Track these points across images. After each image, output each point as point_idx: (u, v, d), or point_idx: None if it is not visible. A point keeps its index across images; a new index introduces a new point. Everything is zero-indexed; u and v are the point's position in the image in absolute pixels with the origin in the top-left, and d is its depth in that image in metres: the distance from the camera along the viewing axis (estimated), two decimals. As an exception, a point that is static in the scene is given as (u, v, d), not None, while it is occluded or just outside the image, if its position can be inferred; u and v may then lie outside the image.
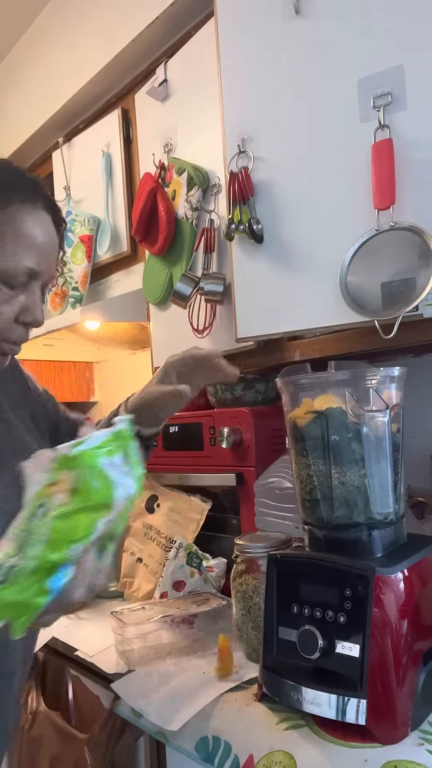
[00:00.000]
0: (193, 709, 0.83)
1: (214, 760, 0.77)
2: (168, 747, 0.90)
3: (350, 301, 0.93)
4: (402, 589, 0.74)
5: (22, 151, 2.02)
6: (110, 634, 1.06)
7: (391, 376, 0.81)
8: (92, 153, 1.71)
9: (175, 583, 1.21)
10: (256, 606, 0.94)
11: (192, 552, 1.22)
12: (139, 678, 0.95)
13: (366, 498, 0.78)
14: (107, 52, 1.56)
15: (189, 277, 1.27)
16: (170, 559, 1.23)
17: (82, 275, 1.71)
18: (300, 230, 1.05)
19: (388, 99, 0.92)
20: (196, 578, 1.21)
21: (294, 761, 0.70)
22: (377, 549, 0.79)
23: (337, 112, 0.99)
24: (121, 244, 1.63)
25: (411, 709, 0.72)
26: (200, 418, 1.29)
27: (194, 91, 1.34)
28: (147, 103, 1.48)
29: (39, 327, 0.81)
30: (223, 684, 0.89)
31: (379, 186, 0.91)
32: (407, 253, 0.89)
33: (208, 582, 1.20)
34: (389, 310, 0.90)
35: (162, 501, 1.38)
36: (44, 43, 1.89)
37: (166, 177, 1.39)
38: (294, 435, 0.84)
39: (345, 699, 0.72)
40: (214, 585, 1.20)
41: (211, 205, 1.29)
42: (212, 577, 1.21)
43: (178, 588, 1.21)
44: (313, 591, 0.80)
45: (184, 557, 1.22)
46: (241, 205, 1.11)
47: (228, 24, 1.17)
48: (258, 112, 1.11)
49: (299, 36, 1.04)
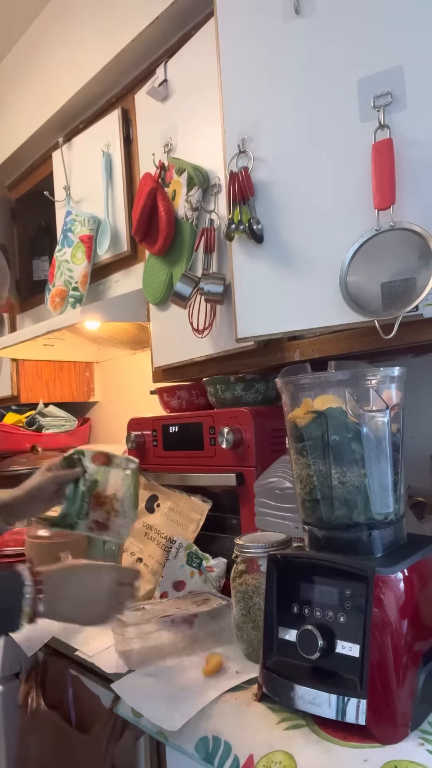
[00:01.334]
0: (193, 709, 0.83)
1: (214, 760, 0.77)
2: (168, 747, 0.90)
3: (350, 301, 0.93)
4: (402, 589, 0.74)
5: (22, 151, 2.02)
6: (110, 634, 1.06)
7: (391, 376, 0.81)
8: (92, 153, 1.71)
9: (175, 584, 1.21)
10: (256, 606, 0.94)
11: (192, 552, 1.22)
12: (139, 678, 0.95)
13: (366, 498, 0.78)
14: (107, 52, 1.56)
15: (189, 277, 1.27)
16: (170, 559, 1.23)
17: (82, 275, 1.71)
18: (300, 230, 1.05)
19: (388, 99, 0.92)
20: (196, 578, 1.21)
21: (294, 761, 0.70)
22: (377, 549, 0.79)
23: (337, 112, 0.99)
24: (121, 244, 1.63)
25: (411, 709, 0.72)
26: (200, 418, 1.29)
27: (194, 91, 1.34)
28: (147, 103, 1.48)
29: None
30: (223, 684, 0.89)
31: (379, 186, 0.91)
32: (407, 253, 0.89)
33: (208, 582, 1.20)
34: (389, 310, 0.90)
35: (162, 501, 1.38)
36: (44, 43, 1.89)
37: (166, 177, 1.39)
38: (294, 435, 0.84)
39: (345, 699, 0.72)
40: (214, 585, 1.20)
41: (211, 205, 1.29)
42: (212, 577, 1.20)
43: (178, 588, 1.21)
44: (313, 591, 0.80)
45: (184, 557, 1.22)
46: (241, 205, 1.11)
47: (228, 24, 1.17)
48: (258, 112, 1.11)
49: (299, 36, 1.04)
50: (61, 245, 1.78)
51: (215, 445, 1.25)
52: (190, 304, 1.29)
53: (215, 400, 1.35)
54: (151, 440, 1.43)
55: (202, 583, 1.20)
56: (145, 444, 1.45)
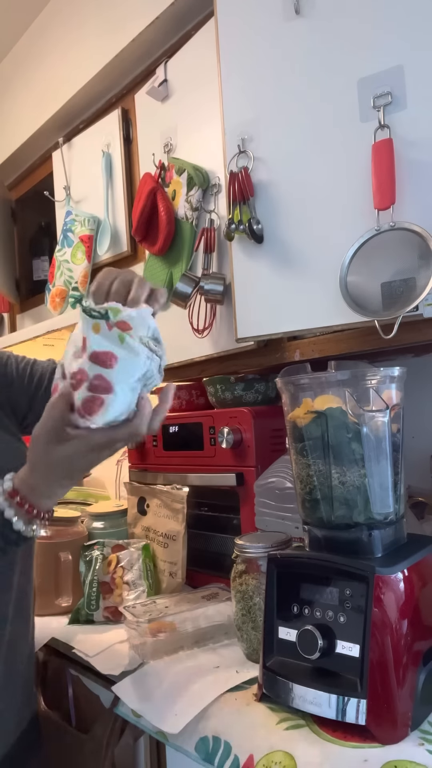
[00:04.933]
0: (194, 710, 0.83)
1: (214, 760, 0.77)
2: (168, 747, 0.90)
3: (350, 301, 0.93)
4: (402, 589, 0.74)
5: (22, 151, 2.02)
6: (110, 634, 1.06)
7: (391, 376, 0.81)
8: (92, 153, 1.71)
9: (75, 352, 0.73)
10: (256, 606, 0.94)
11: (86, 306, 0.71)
12: (140, 679, 0.95)
13: (366, 498, 0.78)
14: (107, 52, 1.56)
15: (189, 277, 1.27)
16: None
17: (82, 275, 1.71)
18: (300, 230, 1.05)
19: (388, 99, 0.92)
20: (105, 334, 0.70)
21: (294, 761, 0.70)
22: (377, 549, 0.79)
23: (337, 111, 0.99)
24: (121, 244, 1.63)
25: (411, 709, 0.72)
26: (200, 418, 1.29)
27: (194, 91, 1.34)
28: (147, 103, 1.48)
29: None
30: (223, 684, 0.89)
31: (379, 186, 0.91)
32: (407, 253, 0.89)
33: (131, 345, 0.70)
34: (389, 310, 0.90)
35: (149, 501, 1.39)
36: (44, 43, 1.89)
37: (166, 177, 1.39)
38: (294, 435, 0.84)
39: (345, 699, 0.72)
40: (152, 348, 0.74)
41: (211, 205, 1.29)
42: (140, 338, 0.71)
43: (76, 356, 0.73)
44: (313, 591, 0.80)
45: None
46: (241, 205, 1.11)
47: (228, 24, 1.17)
48: (258, 112, 1.11)
49: (299, 36, 1.04)
50: (61, 245, 1.78)
51: (215, 445, 1.25)
52: (190, 304, 1.29)
53: (215, 400, 1.35)
54: (151, 440, 1.43)
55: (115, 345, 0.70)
56: (145, 444, 1.45)
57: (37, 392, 1.04)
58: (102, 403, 0.70)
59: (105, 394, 0.70)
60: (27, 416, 1.04)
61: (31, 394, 1.04)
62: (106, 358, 0.69)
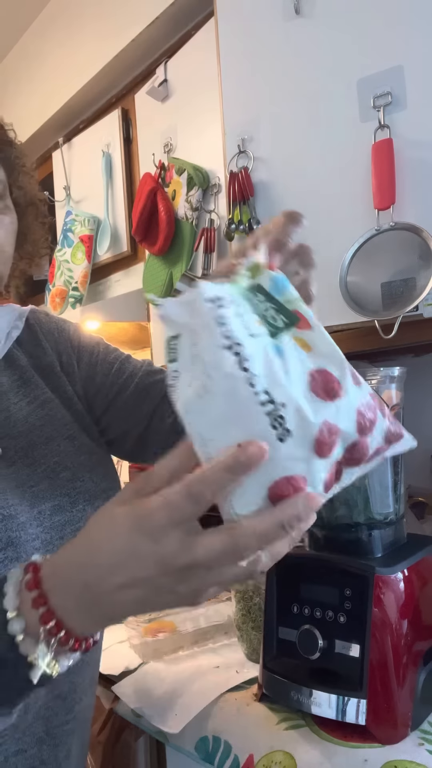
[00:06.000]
0: (194, 710, 0.83)
1: (214, 760, 0.77)
2: (168, 747, 0.90)
3: (350, 301, 0.93)
4: (402, 589, 0.74)
5: (22, 151, 2.02)
6: (110, 634, 1.06)
7: (391, 376, 0.81)
8: (92, 153, 1.71)
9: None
10: (256, 606, 0.94)
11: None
12: (139, 679, 0.95)
13: (366, 498, 0.78)
14: (107, 52, 1.56)
15: (189, 277, 1.27)
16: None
17: (82, 275, 1.71)
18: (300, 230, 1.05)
19: (388, 99, 0.92)
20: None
21: (294, 761, 0.70)
22: (377, 549, 0.79)
23: (337, 112, 0.99)
24: (121, 244, 1.63)
25: (411, 709, 0.72)
26: (200, 418, 1.29)
27: (194, 91, 1.34)
28: (147, 103, 1.48)
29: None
30: (223, 684, 0.89)
31: (379, 186, 0.91)
32: (407, 253, 0.89)
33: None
34: (389, 310, 0.90)
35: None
36: (44, 43, 1.89)
37: (166, 177, 1.39)
38: (294, 435, 0.84)
39: (345, 699, 0.72)
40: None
41: (211, 205, 1.29)
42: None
43: None
44: (313, 591, 0.80)
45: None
46: (241, 205, 1.11)
47: (228, 24, 1.17)
48: (258, 112, 1.11)
49: (299, 36, 1.04)
50: (61, 245, 1.78)
51: (215, 445, 1.25)
52: (190, 304, 1.29)
53: (215, 400, 1.35)
54: (151, 440, 1.43)
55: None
56: (145, 444, 1.45)
57: (118, 396, 0.82)
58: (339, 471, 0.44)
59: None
60: (100, 421, 0.81)
61: (111, 397, 0.82)
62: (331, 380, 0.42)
